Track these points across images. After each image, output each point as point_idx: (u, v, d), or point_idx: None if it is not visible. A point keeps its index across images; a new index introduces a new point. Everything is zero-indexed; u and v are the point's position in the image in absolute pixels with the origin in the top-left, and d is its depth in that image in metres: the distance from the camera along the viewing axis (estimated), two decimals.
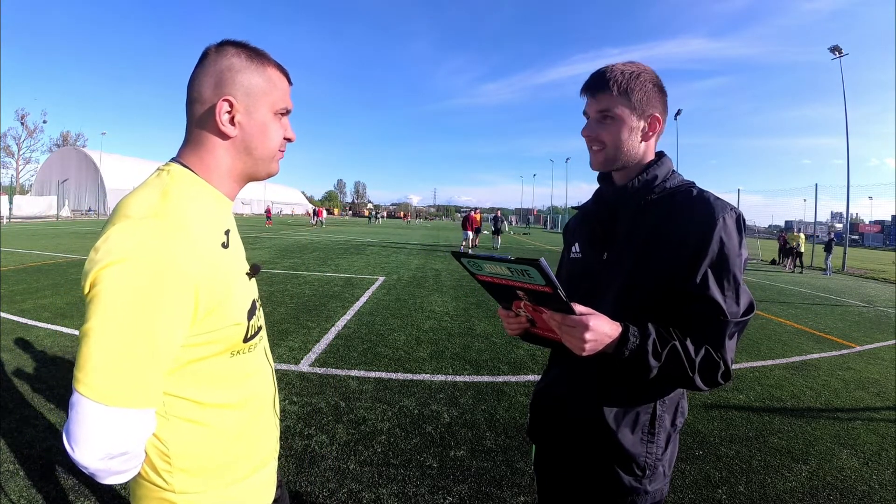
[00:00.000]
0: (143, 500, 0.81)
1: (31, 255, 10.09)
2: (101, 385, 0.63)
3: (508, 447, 2.71)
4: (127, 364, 0.65)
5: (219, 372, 0.80)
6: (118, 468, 0.69)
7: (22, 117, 51.44)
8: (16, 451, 2.38)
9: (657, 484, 1.00)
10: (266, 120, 0.82)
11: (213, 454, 0.81)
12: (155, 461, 0.77)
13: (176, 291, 0.67)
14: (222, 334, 0.77)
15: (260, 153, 0.84)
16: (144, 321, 0.65)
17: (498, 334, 5.09)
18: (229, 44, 0.81)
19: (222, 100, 0.78)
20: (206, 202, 0.79)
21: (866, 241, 58.87)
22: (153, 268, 0.65)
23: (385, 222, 53.12)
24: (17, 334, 4.28)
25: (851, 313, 7.99)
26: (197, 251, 0.70)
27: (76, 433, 0.64)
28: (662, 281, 0.93)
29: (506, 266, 0.84)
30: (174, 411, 0.76)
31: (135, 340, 0.65)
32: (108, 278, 0.64)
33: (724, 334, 0.89)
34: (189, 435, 0.78)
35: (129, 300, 0.64)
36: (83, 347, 0.64)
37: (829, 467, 2.67)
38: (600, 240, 1.06)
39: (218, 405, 0.80)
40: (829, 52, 19.81)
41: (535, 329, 1.00)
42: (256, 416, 0.89)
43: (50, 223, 25.13)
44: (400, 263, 11.33)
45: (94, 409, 0.63)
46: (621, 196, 1.04)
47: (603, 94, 0.99)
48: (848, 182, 19.22)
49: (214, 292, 0.73)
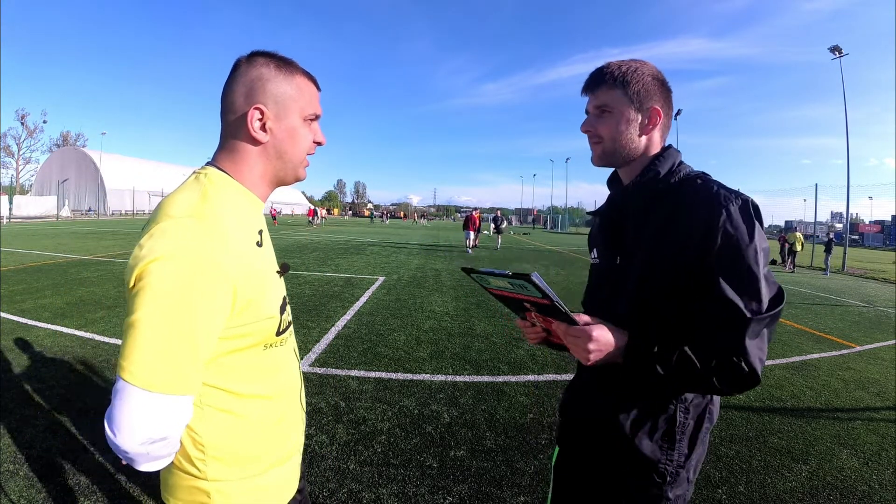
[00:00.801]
0: (175, 488, 0.84)
1: (31, 255, 10.10)
2: (146, 372, 0.67)
3: (508, 447, 2.71)
4: (170, 353, 0.69)
5: (253, 364, 0.84)
6: (156, 453, 0.72)
7: (22, 117, 51.49)
8: (16, 451, 2.38)
9: (679, 490, 0.96)
10: (296, 125, 0.87)
11: (245, 443, 0.85)
12: (189, 450, 0.81)
13: (216, 285, 0.72)
14: (257, 327, 0.81)
15: (290, 157, 0.88)
16: (187, 313, 0.69)
17: (498, 334, 5.09)
18: (259, 54, 0.85)
19: (253, 108, 0.82)
20: (241, 203, 0.84)
21: (866, 241, 58.85)
22: (196, 264, 0.70)
23: (390, 223, 52.98)
24: (17, 334, 4.28)
25: (851, 313, 7.99)
26: (235, 249, 0.76)
27: (118, 419, 0.68)
28: (673, 280, 0.89)
29: (506, 280, 0.85)
30: (209, 401, 0.81)
31: (178, 331, 0.69)
32: (153, 273, 0.68)
33: (744, 334, 0.81)
34: (223, 424, 0.82)
35: (173, 293, 0.68)
36: (128, 338, 0.68)
37: (829, 467, 2.67)
38: (612, 244, 1.05)
39: (251, 395, 0.85)
40: (829, 52, 19.83)
41: (553, 338, 1.00)
42: (286, 407, 0.93)
43: (50, 223, 25.13)
44: (400, 263, 11.33)
45: (137, 396, 0.68)
46: (626, 196, 1.03)
47: (600, 89, 0.99)
48: (848, 182, 19.24)
49: (250, 287, 0.78)
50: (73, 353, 3.85)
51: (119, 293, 6.32)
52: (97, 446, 2.47)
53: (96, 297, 6.04)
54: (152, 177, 48.83)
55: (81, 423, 2.69)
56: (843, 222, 32.25)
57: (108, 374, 3.47)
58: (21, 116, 51.48)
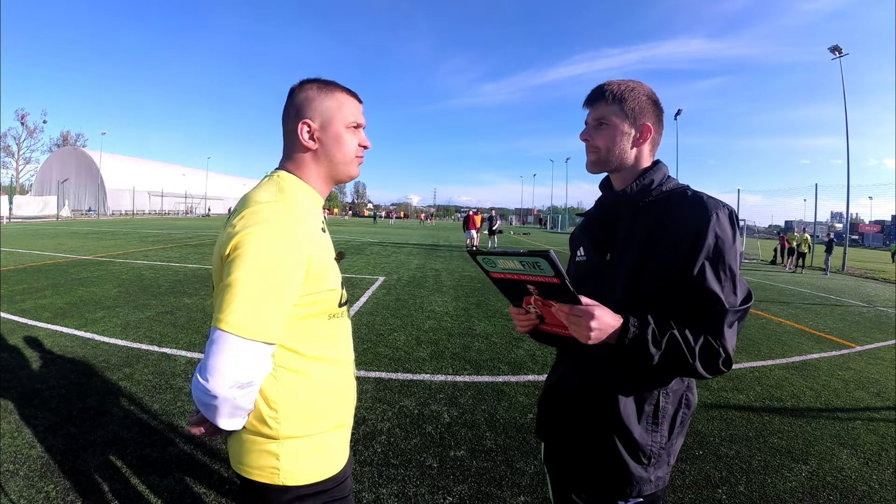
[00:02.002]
0: (246, 454, 0.96)
1: (31, 255, 10.10)
2: (242, 321, 0.81)
3: (508, 447, 2.71)
4: (261, 306, 0.82)
5: (320, 330, 0.99)
6: (240, 401, 0.83)
7: (22, 117, 51.47)
8: (16, 451, 2.38)
9: (661, 472, 1.05)
10: (339, 132, 1.02)
11: (312, 401, 0.98)
12: (263, 410, 0.93)
13: (297, 252, 0.87)
14: (323, 297, 0.96)
15: (339, 159, 1.04)
16: (276, 272, 0.84)
17: (498, 334, 5.09)
18: (306, 81, 1.03)
19: (301, 123, 1.00)
20: (308, 196, 1.01)
21: (866, 241, 58.86)
22: (282, 234, 0.86)
23: (395, 223, 52.85)
24: (17, 334, 4.28)
25: (851, 313, 7.99)
26: (308, 227, 0.93)
27: (213, 364, 0.80)
28: (663, 276, 0.98)
29: (518, 260, 0.90)
30: (281, 362, 0.94)
31: (268, 288, 0.83)
32: (248, 242, 0.83)
33: (723, 323, 0.93)
34: (294, 383, 0.95)
35: (265, 256, 0.83)
36: (226, 295, 0.81)
37: (829, 467, 2.67)
38: (603, 242, 1.12)
39: (318, 358, 0.99)
40: (829, 52, 19.83)
41: (544, 326, 1.05)
42: (345, 374, 1.08)
43: (50, 223, 25.13)
44: (400, 263, 11.33)
45: (233, 342, 0.80)
46: (621, 200, 1.11)
47: (599, 104, 1.09)
48: (848, 182, 19.24)
49: (320, 259, 0.94)
50: (73, 353, 3.85)
51: (119, 293, 6.32)
52: (97, 446, 2.47)
53: (96, 297, 6.04)
54: (152, 177, 48.86)
55: (81, 423, 2.69)
56: (843, 222, 32.24)
57: (108, 374, 3.47)
58: (21, 116, 51.49)
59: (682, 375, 1.00)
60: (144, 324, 4.84)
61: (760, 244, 25.17)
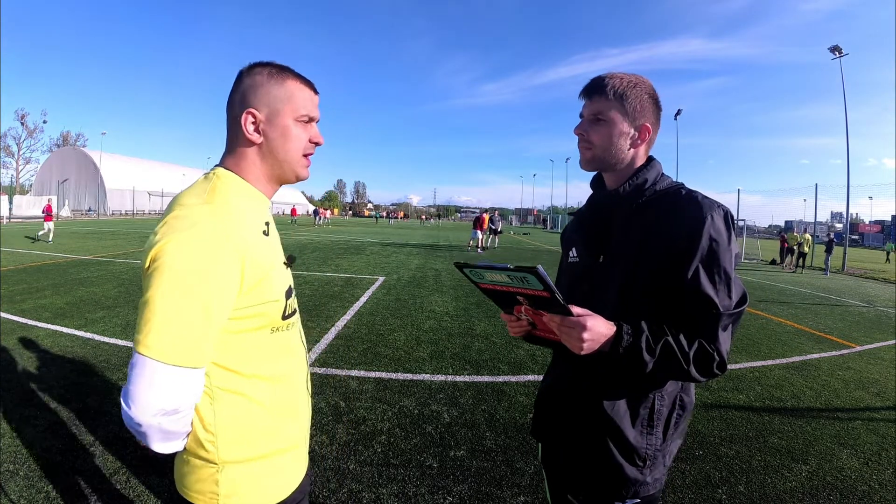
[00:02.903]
0: (186, 476, 0.88)
1: (31, 255, 10.10)
2: (161, 345, 0.72)
3: (508, 447, 2.71)
4: (183, 326, 0.74)
5: (260, 346, 0.89)
6: (169, 427, 0.76)
7: (22, 117, 51.48)
8: (16, 451, 2.38)
9: (657, 473, 1.04)
10: (287, 126, 0.92)
11: (254, 425, 0.89)
12: (199, 433, 0.85)
13: (226, 264, 0.77)
14: (264, 309, 0.86)
15: (283, 156, 0.93)
16: (200, 287, 0.75)
17: (498, 334, 5.09)
18: (256, 64, 0.92)
19: (246, 112, 0.89)
20: (248, 198, 0.91)
21: (866, 241, 58.89)
22: (207, 243, 0.76)
23: (396, 223, 52.79)
24: (17, 334, 4.28)
25: (851, 313, 7.99)
26: (243, 233, 0.82)
27: (134, 391, 0.72)
28: (657, 279, 0.96)
29: (505, 274, 0.88)
30: (218, 383, 0.85)
31: (191, 304, 0.74)
32: (167, 251, 0.74)
33: (718, 327, 0.92)
34: (232, 406, 0.86)
35: (185, 270, 0.74)
36: (144, 313, 0.73)
37: (829, 467, 2.67)
38: (596, 243, 1.10)
39: (258, 377, 0.89)
40: (828, 52, 19.83)
41: (537, 331, 1.04)
42: (293, 391, 0.97)
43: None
44: (400, 263, 11.33)
45: (152, 367, 0.72)
46: (614, 200, 1.09)
47: (598, 98, 1.04)
48: (848, 182, 19.24)
49: (258, 268, 0.83)
50: (73, 353, 3.85)
51: (119, 293, 6.32)
52: (97, 446, 2.47)
53: (96, 297, 6.04)
54: (152, 177, 48.83)
55: (81, 423, 2.69)
56: (843, 222, 32.25)
57: (108, 374, 3.47)
58: (21, 116, 51.49)
59: (677, 380, 1.00)
60: None
61: (760, 244, 25.17)
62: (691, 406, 1.08)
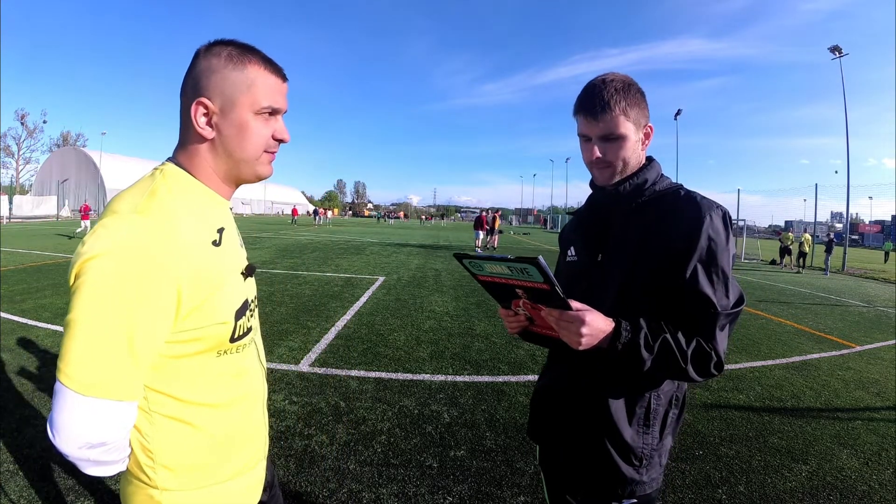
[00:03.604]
0: (130, 496, 0.82)
1: (31, 255, 10.09)
2: (80, 375, 0.65)
3: (508, 447, 2.71)
4: (104, 356, 0.66)
5: (205, 370, 0.79)
6: (98, 458, 0.70)
7: (22, 117, 51.52)
8: (16, 451, 2.38)
9: (653, 473, 1.05)
10: (244, 120, 0.79)
11: (196, 453, 0.81)
12: (139, 456, 0.78)
13: (156, 286, 0.68)
14: (207, 332, 0.76)
15: (240, 155, 0.81)
16: (123, 314, 0.66)
17: (498, 334, 5.09)
18: (215, 43, 0.79)
19: (195, 102, 0.77)
20: (198, 200, 0.79)
21: (866, 241, 58.87)
22: (134, 262, 0.66)
23: (396, 223, 52.71)
24: (17, 334, 4.28)
25: (851, 313, 7.98)
26: (182, 248, 0.71)
27: (57, 421, 0.66)
28: (655, 278, 0.97)
29: (506, 265, 0.86)
30: (158, 408, 0.77)
31: (113, 332, 0.66)
32: (90, 271, 0.65)
33: (715, 326, 0.92)
34: (172, 433, 0.78)
35: (108, 293, 0.65)
36: (65, 338, 0.66)
37: (829, 467, 2.67)
38: (594, 242, 1.10)
39: (203, 404, 0.80)
40: (828, 52, 19.83)
41: (534, 327, 1.04)
42: (244, 417, 0.88)
43: (50, 223, 25.12)
44: (400, 263, 11.32)
45: (72, 399, 0.65)
46: (613, 200, 1.09)
47: (606, 116, 0.99)
48: (848, 182, 19.24)
49: (200, 290, 0.73)
50: None
51: None
52: None
53: None
54: None
55: None
56: (843, 222, 32.24)
57: None
58: (21, 116, 51.53)
59: (674, 378, 1.00)
60: None
61: (760, 244, 25.16)
62: (686, 404, 1.09)
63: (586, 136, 1.04)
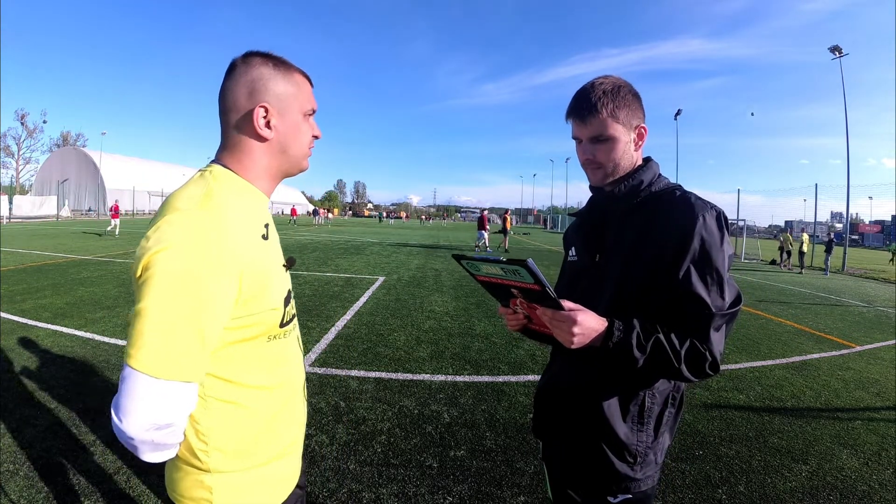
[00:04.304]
0: (179, 483, 0.86)
1: (31, 255, 10.09)
2: (151, 359, 0.70)
3: (508, 447, 2.71)
4: (175, 340, 0.71)
5: (256, 355, 0.86)
6: (161, 440, 0.74)
7: (22, 117, 51.55)
8: (16, 451, 2.38)
9: (649, 470, 1.06)
10: (297, 121, 0.91)
11: (246, 434, 0.87)
12: (192, 442, 0.83)
13: (221, 276, 0.74)
14: (261, 318, 0.84)
15: (294, 151, 0.92)
16: (193, 300, 0.72)
17: (498, 334, 5.09)
18: (255, 54, 0.88)
19: (259, 106, 0.86)
20: (247, 198, 0.87)
21: (866, 241, 58.90)
22: (201, 253, 0.73)
23: (396, 223, 52.75)
24: (17, 334, 4.28)
25: (851, 313, 7.98)
26: (239, 241, 0.79)
27: (125, 405, 0.70)
28: (650, 279, 0.97)
29: (499, 267, 0.90)
30: (213, 392, 0.83)
31: (183, 318, 0.71)
32: (160, 262, 0.71)
33: (710, 327, 0.92)
34: (226, 415, 0.84)
35: (179, 281, 0.71)
36: (135, 325, 0.70)
37: (829, 467, 2.67)
38: (593, 243, 1.13)
39: (253, 386, 0.87)
40: (828, 52, 19.83)
41: (533, 325, 1.06)
42: (288, 399, 0.95)
43: (50, 223, 25.12)
44: (400, 263, 11.32)
45: (143, 382, 0.69)
46: (610, 201, 1.11)
47: (593, 118, 1.02)
48: (848, 182, 19.24)
49: (256, 278, 0.81)
50: (73, 353, 3.85)
51: (119, 293, 6.32)
52: (97, 446, 2.47)
53: (96, 297, 6.04)
54: (152, 177, 48.79)
55: (81, 423, 2.69)
56: (843, 222, 32.24)
57: (108, 373, 3.47)
58: (21, 116, 51.57)
59: (669, 378, 1.00)
60: None
61: (760, 244, 25.15)
62: (684, 403, 1.10)
63: (578, 139, 1.08)
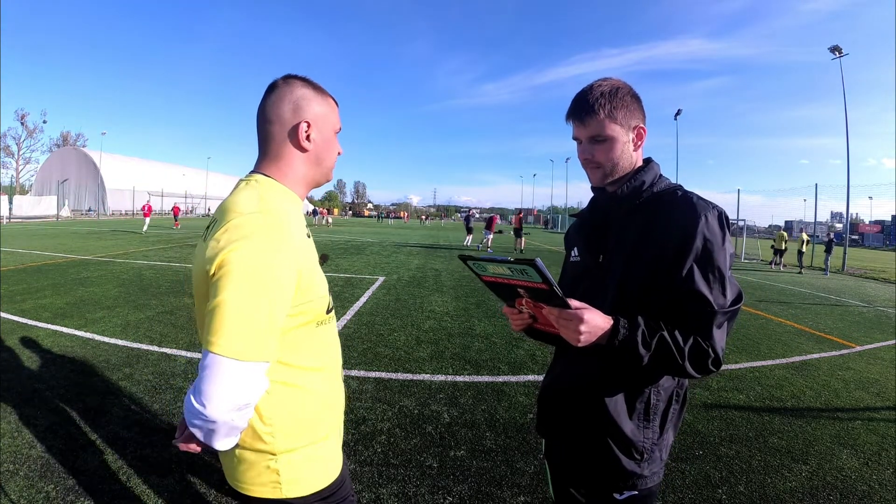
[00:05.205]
0: (247, 472, 0.94)
1: (31, 255, 10.10)
2: (235, 344, 0.78)
3: (508, 447, 2.71)
4: (254, 325, 0.80)
5: (309, 339, 0.98)
6: (238, 422, 0.81)
7: (22, 117, 51.60)
8: (16, 451, 2.38)
9: (654, 467, 1.07)
10: (330, 137, 1.04)
11: (305, 413, 0.97)
12: (256, 426, 0.92)
13: (285, 268, 0.85)
14: (313, 305, 0.95)
15: (327, 163, 1.06)
16: (266, 290, 0.81)
17: (498, 334, 5.09)
18: (294, 77, 1.01)
19: (303, 121, 0.98)
20: (290, 202, 0.98)
21: (866, 241, 58.92)
22: (269, 249, 0.83)
23: (396, 223, 52.71)
24: (17, 334, 4.28)
25: (851, 313, 7.99)
26: (294, 239, 0.90)
27: (208, 390, 0.76)
28: (653, 278, 0.99)
29: (506, 266, 0.91)
30: (274, 376, 0.92)
31: (259, 305, 0.80)
32: (234, 259, 0.80)
33: (712, 324, 0.94)
34: (286, 396, 0.94)
35: (254, 274, 0.81)
36: (216, 317, 0.78)
37: (829, 467, 2.67)
38: (595, 244, 1.14)
39: (308, 368, 0.98)
40: (829, 52, 19.83)
41: (538, 325, 1.07)
42: (334, 380, 1.06)
43: (50, 223, 25.13)
44: (400, 263, 11.33)
45: (228, 366, 0.77)
46: (612, 202, 1.12)
47: (591, 118, 1.05)
48: (848, 182, 19.24)
49: (307, 271, 0.92)
50: (73, 353, 3.85)
51: (119, 293, 6.32)
52: (97, 446, 2.47)
53: (96, 297, 6.04)
54: (152, 177, 48.85)
55: (81, 423, 2.69)
56: (843, 222, 32.26)
57: (108, 374, 3.47)
58: (21, 116, 51.63)
59: (672, 375, 1.02)
60: (144, 324, 4.84)
61: (760, 244, 25.16)
62: (687, 400, 1.11)
63: (578, 139, 1.11)
